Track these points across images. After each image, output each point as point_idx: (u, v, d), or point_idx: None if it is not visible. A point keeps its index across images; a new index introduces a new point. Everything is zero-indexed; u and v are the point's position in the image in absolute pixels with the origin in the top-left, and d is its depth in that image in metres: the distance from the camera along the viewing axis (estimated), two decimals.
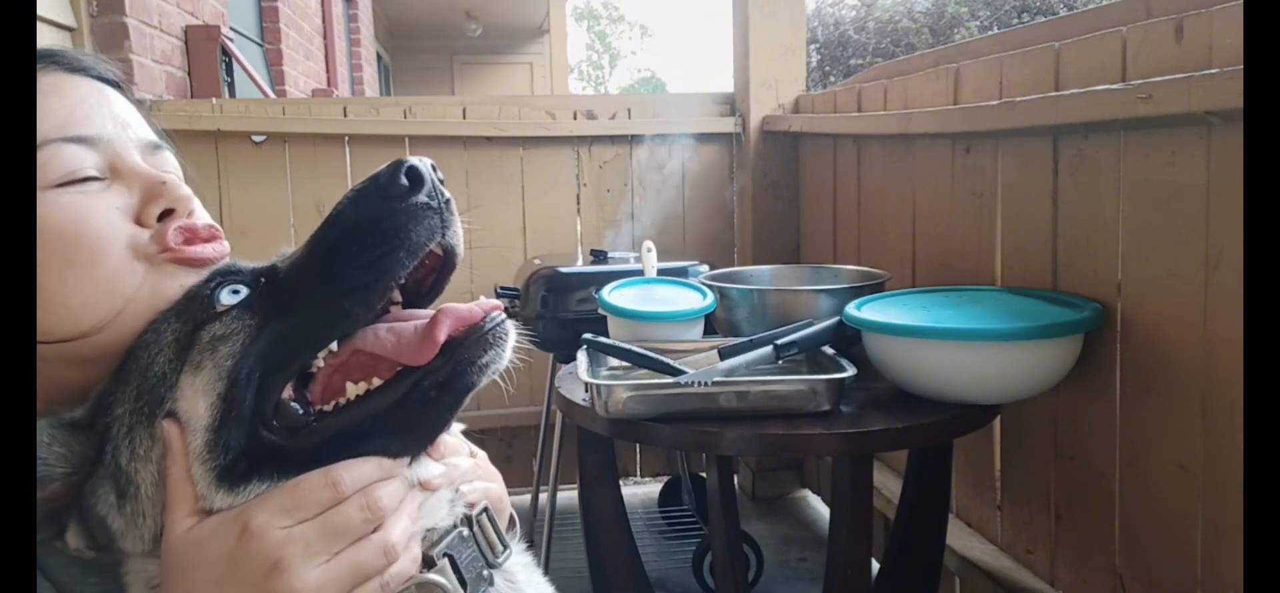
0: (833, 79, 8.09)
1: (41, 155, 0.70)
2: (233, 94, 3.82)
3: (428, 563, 0.69)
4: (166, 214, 0.76)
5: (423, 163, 0.67)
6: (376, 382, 0.68)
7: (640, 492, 3.22)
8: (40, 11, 2.51)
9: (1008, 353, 1.44)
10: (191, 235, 0.76)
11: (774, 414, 1.49)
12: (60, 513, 0.68)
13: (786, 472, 3.20)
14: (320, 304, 0.67)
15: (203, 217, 0.81)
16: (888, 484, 2.28)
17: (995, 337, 1.43)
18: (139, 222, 0.74)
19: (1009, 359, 1.45)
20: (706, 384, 1.48)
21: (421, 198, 0.66)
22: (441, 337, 0.67)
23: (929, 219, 2.11)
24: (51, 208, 0.70)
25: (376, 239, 0.65)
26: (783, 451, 2.83)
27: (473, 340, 0.67)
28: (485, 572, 0.73)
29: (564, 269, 2.36)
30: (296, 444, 0.66)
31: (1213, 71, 1.23)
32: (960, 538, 1.98)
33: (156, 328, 0.71)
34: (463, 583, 0.70)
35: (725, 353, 1.62)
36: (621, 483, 2.26)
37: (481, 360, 0.68)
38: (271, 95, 4.37)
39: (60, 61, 0.78)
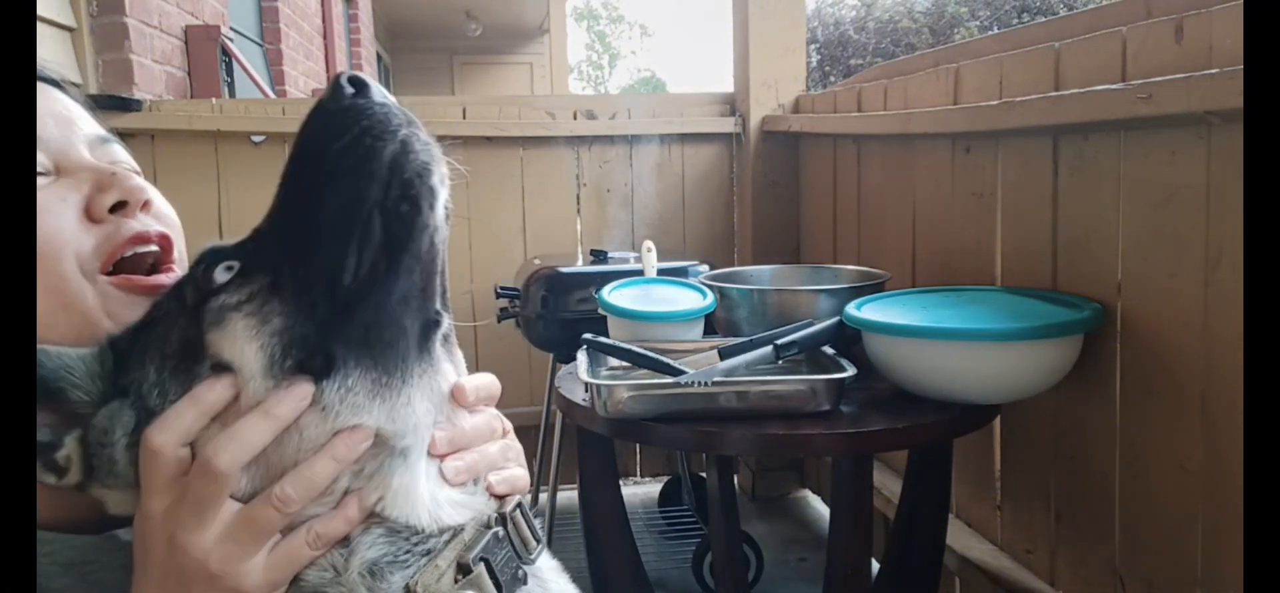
0: (833, 79, 8.09)
1: None
2: (233, 94, 3.82)
3: (463, 570, 0.66)
4: (119, 206, 0.73)
5: (360, 74, 0.65)
6: None
7: (640, 492, 3.22)
8: (40, 11, 2.51)
9: (1008, 353, 1.44)
10: (142, 238, 0.74)
11: (774, 414, 1.49)
12: (59, 430, 0.66)
13: (786, 472, 3.20)
14: (326, 211, 0.63)
15: (160, 202, 0.78)
16: (888, 484, 2.28)
17: (995, 337, 1.43)
18: (90, 215, 0.72)
19: (1009, 359, 1.45)
20: (706, 384, 1.48)
21: (372, 101, 0.65)
22: None
23: (929, 219, 2.11)
24: None
25: (342, 141, 0.63)
26: (783, 451, 2.84)
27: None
28: (520, 572, 0.70)
29: (564, 269, 2.36)
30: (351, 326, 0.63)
31: (1213, 71, 1.23)
32: (960, 538, 1.98)
33: (158, 316, 0.68)
34: (498, 587, 0.67)
35: (725, 353, 1.62)
36: (621, 483, 2.26)
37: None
38: (271, 95, 4.37)
39: None
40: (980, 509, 2.01)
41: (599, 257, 2.53)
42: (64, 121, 0.75)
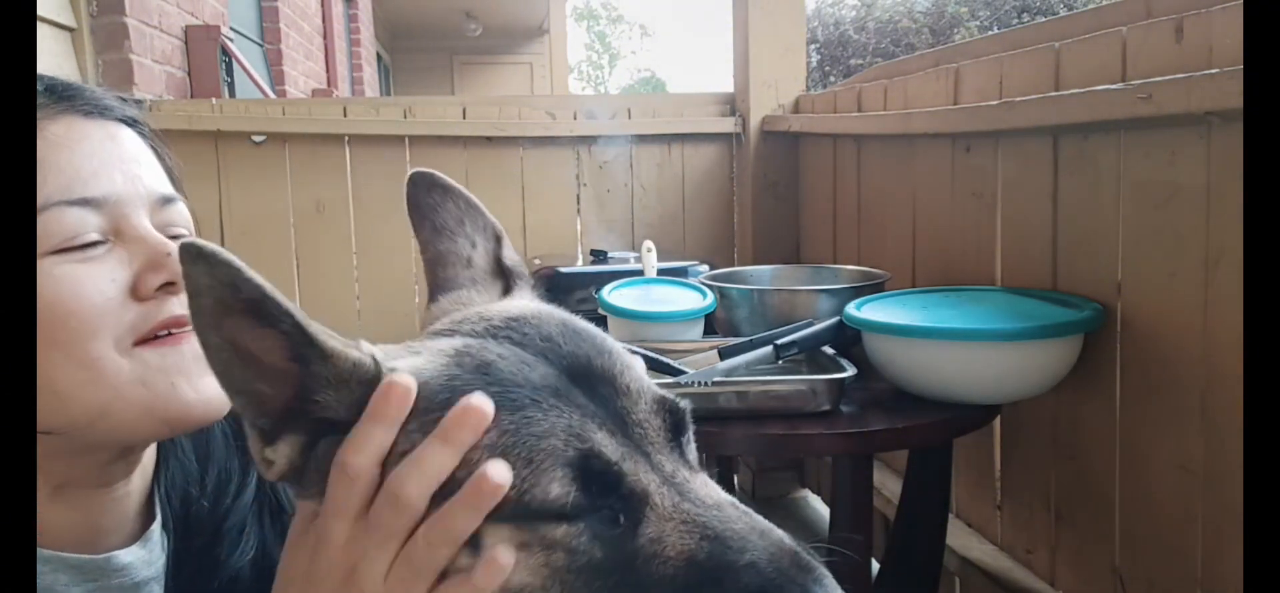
0: (833, 79, 8.09)
1: (43, 220, 0.68)
2: (233, 94, 3.83)
3: None
4: (167, 286, 0.73)
5: None
6: None
7: None
8: (40, 11, 2.51)
9: (1008, 353, 1.44)
10: (178, 322, 0.73)
11: (774, 414, 1.49)
12: (281, 416, 0.59)
13: (786, 472, 3.20)
14: None
15: None
16: (888, 484, 2.28)
17: (995, 337, 1.43)
18: (136, 293, 0.72)
19: (1009, 359, 1.45)
20: (706, 384, 1.48)
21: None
22: None
23: (929, 219, 2.11)
24: (45, 280, 0.68)
25: None
26: (783, 451, 2.83)
27: None
28: None
29: (564, 269, 2.37)
30: None
31: (1213, 71, 1.22)
32: (960, 538, 1.98)
33: (538, 441, 0.57)
34: None
35: (725, 353, 1.62)
36: None
37: None
38: (271, 95, 4.37)
39: (77, 103, 0.75)
40: (980, 509, 2.01)
41: (599, 257, 2.54)
42: (131, 177, 0.74)
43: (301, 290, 2.88)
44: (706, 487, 0.63)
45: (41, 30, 2.55)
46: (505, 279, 0.79)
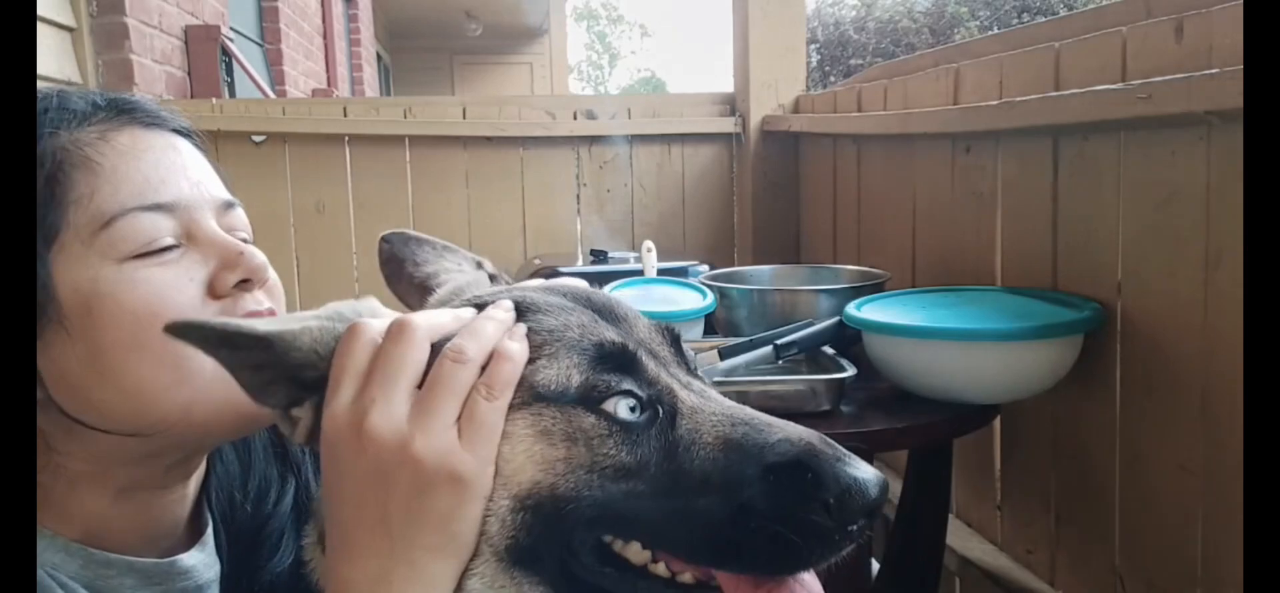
0: (833, 79, 8.09)
1: (120, 226, 0.70)
2: (233, 94, 3.83)
3: None
4: (242, 283, 0.76)
5: (884, 489, 0.61)
6: (671, 571, 0.62)
7: None
8: (40, 11, 2.51)
9: (1008, 353, 1.44)
10: (255, 316, 0.76)
11: (774, 414, 1.49)
12: (290, 391, 0.65)
13: None
14: (695, 530, 0.60)
15: (272, 276, 0.81)
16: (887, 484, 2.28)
17: (995, 337, 1.43)
18: (213, 292, 0.74)
19: (1009, 359, 1.45)
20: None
21: (852, 529, 0.60)
22: None
23: (929, 219, 2.11)
24: (127, 285, 0.70)
25: (793, 537, 0.58)
26: None
27: None
28: None
29: (564, 269, 2.37)
30: (582, 575, 0.62)
31: (1213, 71, 1.22)
32: (960, 538, 1.98)
33: (555, 336, 0.65)
34: None
35: (725, 353, 1.62)
36: None
37: None
38: (271, 95, 4.37)
39: (137, 116, 0.77)
40: (980, 509, 2.01)
41: (599, 257, 2.53)
42: (195, 183, 0.77)
43: (301, 290, 2.88)
44: (718, 393, 0.70)
45: (41, 30, 2.55)
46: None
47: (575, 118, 3.06)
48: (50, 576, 0.69)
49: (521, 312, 0.66)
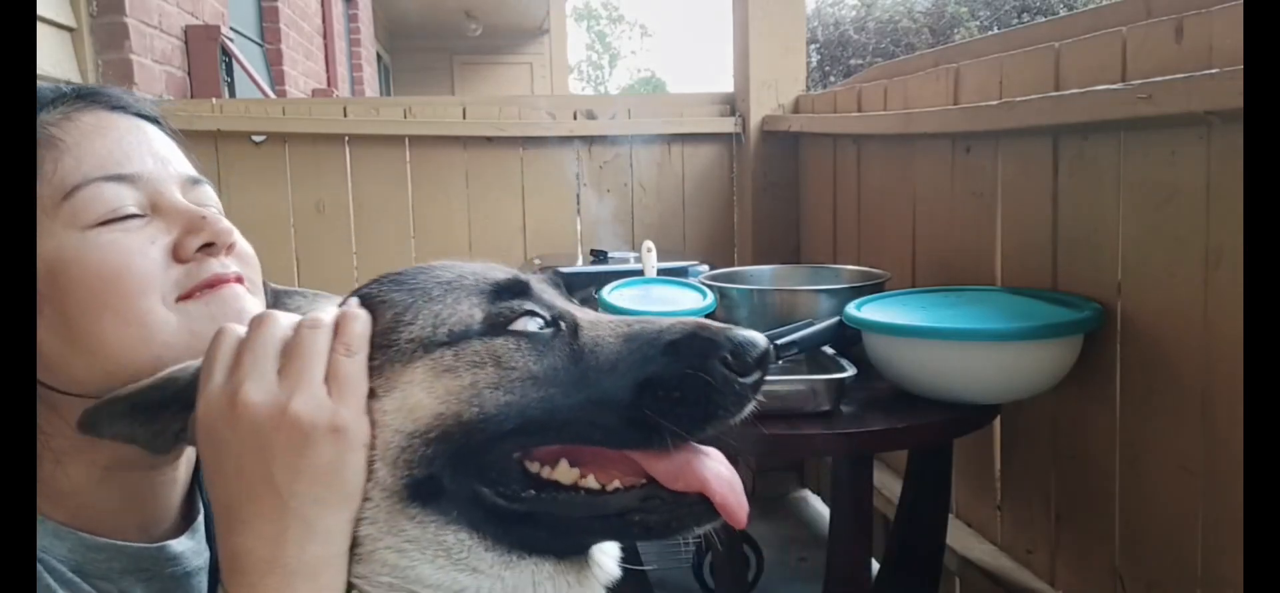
0: (833, 79, 8.10)
1: (83, 194, 0.71)
2: (233, 94, 3.83)
3: None
4: (206, 247, 0.76)
5: (772, 348, 0.67)
6: (601, 482, 0.66)
7: None
8: (40, 11, 2.51)
9: (1008, 353, 1.44)
10: (220, 279, 0.76)
11: (774, 414, 1.49)
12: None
13: (786, 472, 3.20)
14: (609, 413, 0.64)
15: (241, 243, 0.81)
16: (888, 484, 2.28)
17: (995, 337, 1.43)
18: (177, 256, 0.75)
19: (1009, 359, 1.45)
20: None
21: (751, 380, 0.65)
22: (709, 488, 0.65)
23: (929, 219, 2.11)
24: (91, 249, 0.71)
25: (699, 400, 0.64)
26: (783, 451, 2.83)
27: (704, 510, 0.66)
28: None
29: (564, 269, 2.36)
30: (498, 502, 0.64)
31: (1213, 71, 1.22)
32: (960, 538, 1.98)
33: (447, 286, 0.69)
34: None
35: None
36: None
37: (692, 529, 0.67)
38: (271, 95, 4.37)
39: (101, 99, 0.78)
40: (980, 509, 2.01)
41: (599, 257, 2.54)
42: (160, 160, 0.79)
43: None
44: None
45: (41, 30, 2.55)
46: None
47: (575, 118, 3.06)
48: (38, 559, 0.69)
49: (386, 286, 0.70)
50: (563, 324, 0.69)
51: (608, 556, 0.73)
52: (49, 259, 0.70)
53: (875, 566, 1.89)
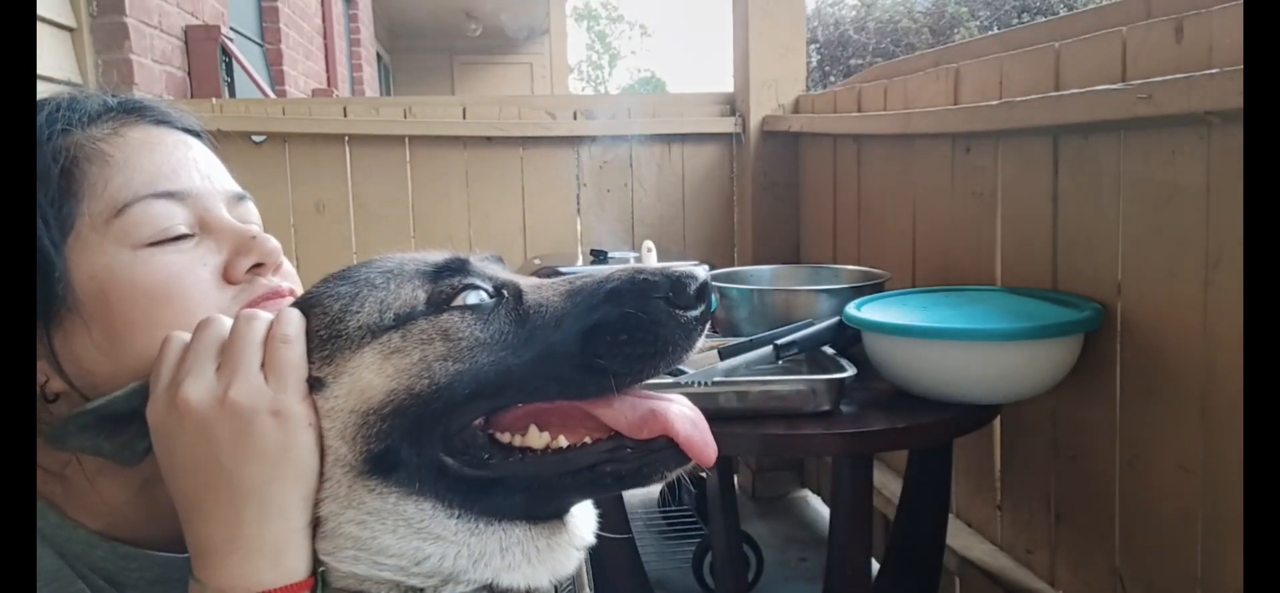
0: (833, 79, 8.10)
1: (134, 212, 0.72)
2: (233, 94, 3.82)
3: None
4: (256, 267, 0.77)
5: (709, 280, 0.68)
6: (571, 442, 0.67)
7: (640, 492, 3.22)
8: (40, 11, 2.51)
9: (1008, 353, 1.44)
10: (276, 294, 0.77)
11: (774, 414, 1.49)
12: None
13: (786, 472, 3.20)
14: (560, 364, 0.66)
15: (285, 262, 0.82)
16: (888, 484, 2.28)
17: (995, 337, 1.43)
18: (227, 277, 0.76)
19: (1009, 359, 1.45)
20: (706, 384, 1.48)
21: (696, 313, 0.66)
22: (673, 429, 0.66)
23: (929, 219, 2.11)
24: (143, 269, 0.72)
25: (646, 339, 0.65)
26: (783, 451, 2.83)
27: (672, 454, 0.67)
28: None
29: (564, 269, 2.36)
30: (464, 471, 0.65)
31: (1213, 71, 1.23)
32: (960, 538, 1.98)
33: (390, 274, 0.70)
34: None
35: (725, 353, 1.62)
36: None
37: (663, 473, 0.68)
38: (271, 95, 4.37)
39: (146, 113, 0.79)
40: (980, 509, 2.01)
41: (599, 257, 2.53)
42: (206, 176, 0.79)
43: (302, 291, 2.88)
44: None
45: (41, 30, 2.55)
46: None
47: (575, 118, 3.06)
48: (70, 566, 0.70)
49: (332, 283, 0.72)
50: (506, 292, 0.70)
51: (584, 523, 0.74)
52: (100, 277, 0.71)
53: (875, 566, 1.89)
